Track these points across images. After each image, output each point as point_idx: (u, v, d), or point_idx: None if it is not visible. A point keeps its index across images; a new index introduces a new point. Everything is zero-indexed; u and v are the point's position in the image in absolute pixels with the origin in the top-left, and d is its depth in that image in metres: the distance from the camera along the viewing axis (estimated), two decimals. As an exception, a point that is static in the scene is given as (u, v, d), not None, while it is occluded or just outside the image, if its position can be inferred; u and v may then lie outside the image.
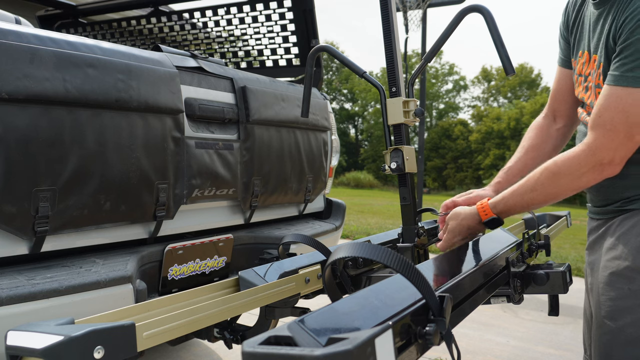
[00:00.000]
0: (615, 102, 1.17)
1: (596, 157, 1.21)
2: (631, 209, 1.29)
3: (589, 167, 1.23)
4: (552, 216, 2.12)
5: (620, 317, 1.24)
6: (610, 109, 1.18)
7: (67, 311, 1.31)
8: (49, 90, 1.40)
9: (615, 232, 1.31)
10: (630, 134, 1.17)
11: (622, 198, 1.31)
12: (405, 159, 1.53)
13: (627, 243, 1.27)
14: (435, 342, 0.75)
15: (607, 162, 1.21)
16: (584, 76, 1.41)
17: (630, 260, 1.25)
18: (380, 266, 1.45)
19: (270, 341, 0.58)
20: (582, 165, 1.24)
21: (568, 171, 1.26)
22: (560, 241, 8.42)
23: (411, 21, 7.67)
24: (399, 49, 1.56)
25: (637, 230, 1.26)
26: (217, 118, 2.00)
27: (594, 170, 1.23)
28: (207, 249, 1.93)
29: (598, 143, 1.21)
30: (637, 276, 1.23)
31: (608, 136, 1.19)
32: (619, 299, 1.25)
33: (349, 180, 28.64)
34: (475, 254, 1.31)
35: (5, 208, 1.35)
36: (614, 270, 1.28)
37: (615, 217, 1.33)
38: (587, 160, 1.23)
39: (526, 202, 1.34)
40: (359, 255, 0.77)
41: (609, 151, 1.20)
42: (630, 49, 1.16)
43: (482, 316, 4.10)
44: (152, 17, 3.59)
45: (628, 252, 1.25)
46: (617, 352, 1.25)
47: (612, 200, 1.34)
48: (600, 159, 1.21)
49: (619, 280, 1.26)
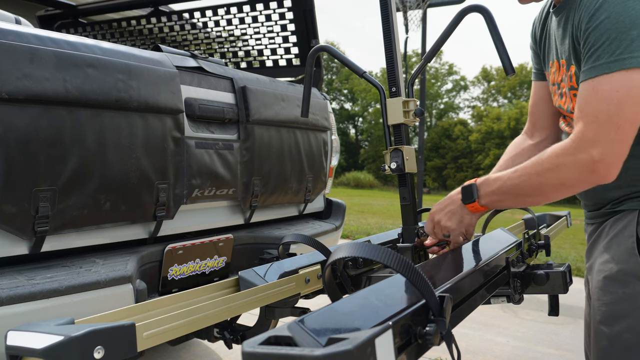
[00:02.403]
0: (593, 93, 1.12)
1: (582, 151, 1.11)
2: (621, 210, 1.25)
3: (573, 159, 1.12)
4: (552, 216, 2.12)
5: (616, 323, 1.20)
6: (589, 102, 1.12)
7: (67, 311, 1.31)
8: (49, 90, 1.40)
9: (607, 234, 1.28)
10: (616, 123, 1.08)
11: (611, 200, 1.28)
12: (405, 159, 1.52)
13: (619, 245, 1.23)
14: (435, 342, 0.75)
15: (598, 158, 1.09)
16: (557, 84, 1.39)
17: (623, 263, 1.20)
18: (380, 266, 1.45)
19: (270, 341, 0.58)
20: (565, 154, 1.14)
21: (550, 160, 1.17)
22: (560, 241, 8.42)
23: (411, 21, 7.67)
24: (398, 49, 1.56)
25: (629, 231, 1.21)
26: (217, 118, 2.00)
27: (580, 166, 1.12)
28: (207, 249, 1.93)
29: (581, 135, 1.12)
30: (631, 279, 1.19)
31: (592, 127, 1.10)
32: (613, 303, 1.21)
33: (349, 180, 28.65)
34: (475, 254, 1.31)
35: (5, 208, 1.35)
36: (607, 274, 1.24)
37: (607, 220, 1.29)
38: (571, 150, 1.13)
39: (508, 187, 1.24)
40: (359, 255, 0.77)
41: (596, 144, 1.09)
42: (590, 40, 1.14)
43: (482, 316, 4.10)
44: (152, 17, 3.59)
45: (620, 255, 1.21)
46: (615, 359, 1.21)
47: (602, 203, 1.31)
48: (590, 154, 1.10)
49: (612, 284, 1.22)
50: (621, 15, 1.08)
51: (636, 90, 1.08)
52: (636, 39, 1.07)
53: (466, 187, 1.31)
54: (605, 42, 1.10)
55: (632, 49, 1.07)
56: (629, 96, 1.08)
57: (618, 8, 1.08)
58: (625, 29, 1.07)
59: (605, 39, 1.10)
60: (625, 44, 1.07)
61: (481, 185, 1.29)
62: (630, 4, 1.08)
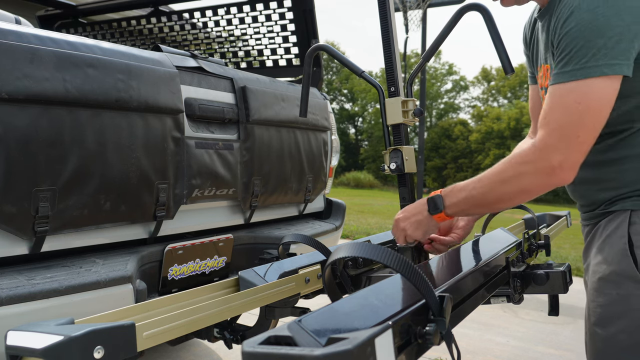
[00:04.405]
0: (558, 100, 1.14)
1: (543, 158, 1.14)
2: (614, 211, 1.25)
3: (534, 166, 1.16)
4: (552, 216, 2.12)
5: (611, 324, 1.19)
6: (553, 109, 1.14)
7: (67, 311, 1.31)
8: (49, 90, 1.40)
9: (601, 236, 1.27)
10: (575, 133, 1.11)
11: (604, 201, 1.27)
12: (405, 159, 1.52)
13: (612, 246, 1.22)
14: (435, 342, 0.75)
15: (557, 164, 1.13)
16: (545, 89, 1.40)
17: (616, 265, 1.20)
18: (380, 266, 1.45)
19: (270, 341, 0.58)
20: (527, 162, 1.17)
21: (513, 168, 1.20)
22: (560, 241, 8.42)
23: (411, 21, 7.68)
24: (397, 49, 1.56)
25: (621, 232, 1.21)
26: (217, 118, 2.00)
27: (540, 172, 1.15)
28: (207, 249, 1.93)
29: (544, 143, 1.15)
30: (624, 281, 1.18)
31: (553, 135, 1.13)
32: (608, 305, 1.21)
33: (349, 180, 28.63)
34: (475, 254, 1.31)
35: (5, 208, 1.35)
36: (601, 276, 1.23)
37: (601, 221, 1.29)
38: (532, 158, 1.16)
39: (473, 197, 1.27)
40: (359, 255, 0.77)
41: (557, 152, 1.13)
42: (561, 46, 1.15)
43: (482, 316, 4.10)
44: (152, 17, 3.59)
45: (613, 256, 1.21)
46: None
47: (596, 205, 1.31)
48: (550, 161, 1.13)
49: (606, 285, 1.21)
50: (590, 23, 1.09)
51: (597, 101, 1.10)
52: (602, 48, 1.08)
53: (431, 198, 1.36)
54: (573, 49, 1.11)
55: (597, 57, 1.08)
56: (589, 107, 1.10)
57: (588, 16, 1.09)
58: (592, 37, 1.08)
59: (574, 46, 1.11)
60: (591, 52, 1.09)
61: (447, 196, 1.33)
62: (600, 11, 1.08)
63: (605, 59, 1.08)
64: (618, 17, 1.07)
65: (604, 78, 1.09)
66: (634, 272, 1.17)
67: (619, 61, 1.08)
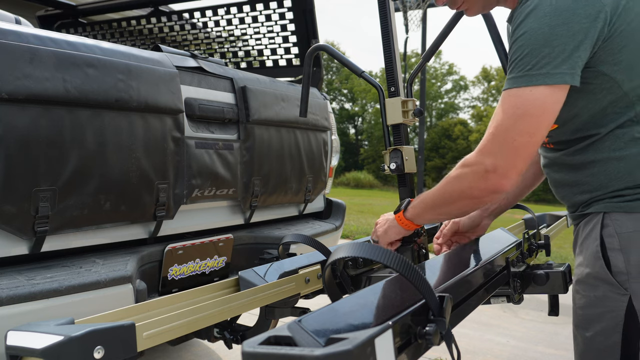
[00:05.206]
0: (500, 105, 1.15)
1: (479, 161, 1.15)
2: (589, 213, 1.25)
3: (471, 169, 1.17)
4: (552, 216, 2.12)
5: (590, 327, 1.20)
6: (496, 114, 1.16)
7: (67, 311, 1.31)
8: (49, 90, 1.40)
9: (579, 237, 1.28)
10: (510, 138, 1.11)
11: (581, 203, 1.28)
12: (405, 159, 1.53)
13: (587, 249, 1.23)
14: (435, 342, 0.76)
15: (490, 168, 1.13)
16: None
17: (591, 267, 1.20)
18: (380, 266, 1.45)
19: (270, 341, 0.58)
20: (466, 165, 1.19)
21: (456, 170, 1.22)
22: (560, 241, 8.41)
23: (411, 21, 7.68)
24: (397, 49, 1.56)
25: (595, 234, 1.21)
26: (217, 118, 2.00)
27: (475, 175, 1.16)
28: (207, 249, 1.93)
29: (482, 146, 1.16)
30: (599, 283, 1.18)
31: (489, 139, 1.14)
32: (586, 307, 1.21)
33: (349, 180, 28.63)
34: (475, 254, 1.31)
35: (5, 208, 1.35)
36: (579, 278, 1.24)
37: (580, 223, 1.30)
38: (471, 161, 1.18)
39: (426, 199, 1.30)
40: (359, 255, 0.77)
41: (490, 155, 1.13)
42: (510, 52, 1.16)
43: (482, 316, 4.10)
44: (152, 17, 3.59)
45: (589, 259, 1.21)
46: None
47: (575, 207, 1.31)
48: (484, 164, 1.14)
49: (585, 288, 1.22)
50: (536, 32, 1.09)
51: (536, 108, 1.10)
52: (546, 57, 1.08)
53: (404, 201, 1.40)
54: (519, 56, 1.12)
55: (540, 66, 1.08)
56: (527, 113, 1.10)
57: (535, 24, 1.09)
58: (537, 46, 1.09)
59: (520, 54, 1.12)
60: (535, 60, 1.09)
61: (413, 200, 1.37)
62: (546, 20, 1.08)
63: (547, 68, 1.08)
64: (564, 26, 1.07)
65: (546, 87, 1.09)
66: (606, 274, 1.17)
67: (562, 71, 1.08)
